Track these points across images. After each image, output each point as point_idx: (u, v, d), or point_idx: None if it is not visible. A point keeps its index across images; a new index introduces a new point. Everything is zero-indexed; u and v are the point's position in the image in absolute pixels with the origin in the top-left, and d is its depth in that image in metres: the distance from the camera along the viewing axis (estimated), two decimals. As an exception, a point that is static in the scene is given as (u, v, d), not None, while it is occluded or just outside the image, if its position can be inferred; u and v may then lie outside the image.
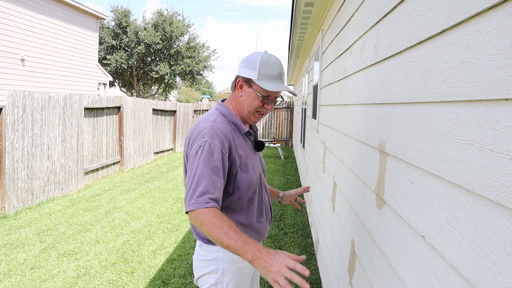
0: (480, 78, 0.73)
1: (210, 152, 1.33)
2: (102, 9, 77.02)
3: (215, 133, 1.38)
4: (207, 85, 45.05)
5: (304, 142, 6.44)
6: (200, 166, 1.31)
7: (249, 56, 1.51)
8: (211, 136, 1.36)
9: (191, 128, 1.49)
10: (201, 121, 1.47)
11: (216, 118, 1.46)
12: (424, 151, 0.99)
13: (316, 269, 3.51)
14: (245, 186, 1.47)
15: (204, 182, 1.29)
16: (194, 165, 1.33)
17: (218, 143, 1.36)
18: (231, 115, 1.51)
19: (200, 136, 1.38)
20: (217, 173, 1.33)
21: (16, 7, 10.24)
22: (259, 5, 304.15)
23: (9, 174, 5.03)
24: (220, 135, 1.38)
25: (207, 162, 1.32)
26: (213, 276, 1.51)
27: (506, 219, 0.63)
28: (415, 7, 1.11)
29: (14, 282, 3.25)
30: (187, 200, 1.30)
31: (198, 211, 1.25)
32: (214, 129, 1.39)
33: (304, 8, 4.01)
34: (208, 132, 1.38)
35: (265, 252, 1.16)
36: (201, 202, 1.26)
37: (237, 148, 1.45)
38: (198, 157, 1.33)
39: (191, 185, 1.30)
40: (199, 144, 1.36)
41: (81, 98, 6.67)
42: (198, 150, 1.34)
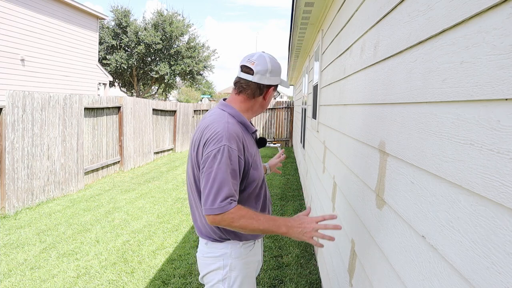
0: (480, 78, 0.73)
1: (229, 156, 1.38)
2: (102, 9, 77.03)
3: (231, 136, 1.42)
4: (207, 85, 45.05)
5: (304, 142, 6.44)
6: (220, 171, 1.36)
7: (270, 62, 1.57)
8: (229, 140, 1.40)
9: (201, 128, 1.50)
10: (212, 122, 1.48)
11: (228, 119, 1.49)
12: (424, 151, 0.99)
13: (316, 269, 3.51)
14: (255, 182, 1.54)
15: (226, 187, 1.36)
16: (213, 168, 1.37)
17: (235, 147, 1.41)
18: (239, 116, 1.55)
19: (217, 139, 1.40)
20: (235, 176, 1.40)
21: (16, 7, 10.24)
22: (259, 5, 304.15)
23: (9, 174, 5.03)
24: (236, 138, 1.43)
25: (227, 166, 1.37)
26: (220, 272, 1.55)
27: (506, 219, 0.63)
28: (415, 7, 1.11)
29: (14, 282, 3.25)
30: (209, 203, 1.35)
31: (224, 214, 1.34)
32: (230, 132, 1.42)
33: (304, 8, 4.01)
34: (225, 135, 1.41)
35: (293, 221, 1.42)
36: (225, 205, 1.34)
37: (248, 147, 1.51)
38: (218, 161, 1.37)
39: (212, 189, 1.36)
40: (217, 148, 1.39)
41: (81, 98, 6.67)
42: (217, 154, 1.38)
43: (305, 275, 3.39)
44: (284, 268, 3.55)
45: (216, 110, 1.57)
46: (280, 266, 3.58)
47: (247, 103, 1.59)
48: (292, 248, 4.03)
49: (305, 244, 4.15)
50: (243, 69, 1.57)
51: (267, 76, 1.56)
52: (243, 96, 1.58)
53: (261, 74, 1.54)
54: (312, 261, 3.71)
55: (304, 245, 4.13)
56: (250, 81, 1.55)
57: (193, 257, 3.79)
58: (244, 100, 1.59)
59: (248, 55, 1.60)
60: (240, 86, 1.58)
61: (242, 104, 1.59)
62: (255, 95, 1.58)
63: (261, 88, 1.57)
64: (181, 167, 9.21)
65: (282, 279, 3.32)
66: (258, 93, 1.58)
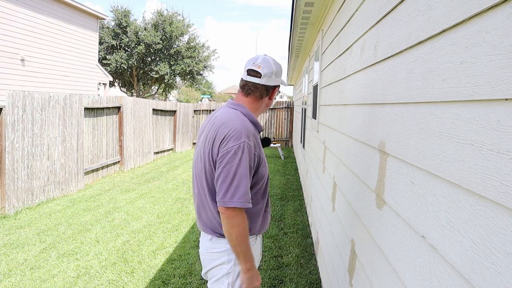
0: (480, 78, 0.73)
1: (248, 153, 1.47)
2: (102, 9, 77.05)
3: (249, 133, 1.51)
4: (207, 85, 45.05)
5: (304, 142, 6.44)
6: (241, 167, 1.44)
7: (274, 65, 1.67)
8: (247, 137, 1.49)
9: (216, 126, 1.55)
10: (228, 119, 1.54)
11: (242, 117, 1.57)
12: (424, 151, 0.99)
13: (316, 269, 3.51)
14: (264, 179, 1.62)
15: (245, 183, 1.44)
16: (233, 164, 1.44)
17: (252, 144, 1.50)
18: (250, 115, 1.64)
19: (236, 136, 1.47)
20: (250, 172, 1.49)
21: (16, 7, 10.23)
22: (259, 5, 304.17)
23: (9, 174, 5.03)
24: (252, 135, 1.52)
25: (246, 162, 1.45)
26: (225, 266, 1.59)
27: (506, 219, 0.63)
28: (415, 7, 1.11)
29: (14, 282, 3.25)
30: (228, 196, 1.43)
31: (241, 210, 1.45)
32: (248, 129, 1.51)
33: (304, 8, 4.01)
34: (244, 132, 1.49)
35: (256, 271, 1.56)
36: (245, 201, 1.44)
37: (259, 145, 1.60)
38: (238, 158, 1.45)
39: (232, 183, 1.43)
40: (237, 144, 1.46)
41: (81, 98, 6.67)
42: (238, 150, 1.45)
43: (305, 275, 3.39)
44: (284, 268, 3.55)
45: (227, 109, 1.63)
46: (280, 266, 3.58)
47: (256, 104, 1.68)
48: (292, 248, 4.03)
49: (305, 244, 4.15)
50: (250, 73, 1.64)
51: (273, 78, 1.66)
52: (252, 97, 1.67)
53: (268, 76, 1.63)
54: (312, 261, 3.71)
55: (304, 245, 4.13)
56: (258, 83, 1.63)
57: (193, 257, 3.79)
58: (252, 102, 1.67)
59: (252, 59, 1.68)
60: (249, 88, 1.65)
61: (251, 105, 1.67)
62: (262, 96, 1.67)
63: (268, 89, 1.67)
64: (181, 167, 9.21)
65: (282, 279, 3.32)
66: (265, 94, 1.68)
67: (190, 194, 6.54)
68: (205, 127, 1.65)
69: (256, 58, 1.67)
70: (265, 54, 1.73)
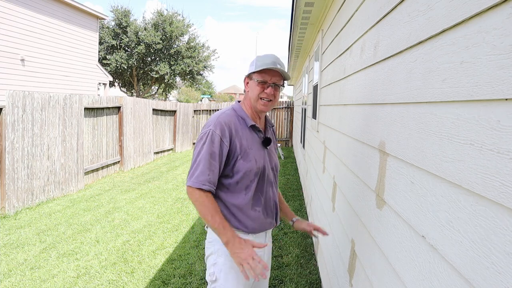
0: (480, 78, 0.73)
1: (212, 139, 1.57)
2: (102, 9, 77.04)
3: (219, 123, 1.61)
4: (207, 85, 45.05)
5: (304, 142, 6.43)
6: (202, 151, 1.57)
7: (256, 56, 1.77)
8: (215, 125, 1.60)
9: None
10: (213, 115, 1.71)
11: (225, 111, 1.70)
12: (424, 151, 0.99)
13: (316, 269, 3.51)
14: (243, 172, 1.63)
15: (203, 164, 1.55)
16: (197, 148, 1.60)
17: (219, 132, 1.59)
18: (240, 110, 1.73)
19: (207, 125, 1.63)
20: (214, 157, 1.57)
21: (16, 7, 10.23)
22: (259, 5, 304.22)
23: (9, 174, 5.03)
24: (222, 124, 1.61)
25: (208, 147, 1.56)
26: (213, 256, 1.67)
27: (506, 219, 0.63)
28: (415, 7, 1.11)
29: (14, 282, 3.25)
30: (189, 177, 1.57)
31: (195, 189, 1.53)
32: (219, 120, 1.62)
33: (304, 8, 4.01)
34: (214, 121, 1.62)
35: (238, 241, 1.53)
36: (199, 182, 1.53)
37: (240, 137, 1.65)
38: (202, 143, 1.59)
39: (193, 165, 1.58)
40: (204, 132, 1.61)
41: (81, 98, 6.67)
42: (203, 136, 1.60)
43: (305, 275, 3.39)
44: (284, 268, 3.55)
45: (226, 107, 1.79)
46: (280, 266, 3.58)
47: (245, 97, 1.78)
48: (292, 248, 4.03)
49: (305, 244, 4.15)
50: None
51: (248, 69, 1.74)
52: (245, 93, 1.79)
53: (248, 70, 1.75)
54: (312, 261, 3.71)
55: (304, 245, 4.13)
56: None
57: (193, 257, 3.79)
58: (244, 97, 1.80)
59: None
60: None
61: (244, 100, 1.78)
62: (244, 89, 1.78)
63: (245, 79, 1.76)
64: (181, 167, 9.21)
65: (282, 279, 3.32)
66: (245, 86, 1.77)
67: (190, 194, 6.53)
68: None
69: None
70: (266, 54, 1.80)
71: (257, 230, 1.69)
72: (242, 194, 1.65)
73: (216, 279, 1.62)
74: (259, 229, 1.70)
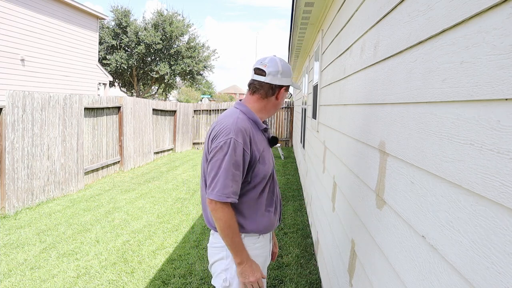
0: (480, 78, 0.73)
1: (234, 149, 1.50)
2: (102, 9, 77.03)
3: (239, 130, 1.54)
4: (207, 85, 45.05)
5: (304, 142, 6.43)
6: (224, 161, 1.49)
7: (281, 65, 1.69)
8: (236, 133, 1.52)
9: (213, 124, 1.65)
10: (224, 117, 1.62)
11: (238, 115, 1.61)
12: (424, 151, 0.99)
13: (316, 269, 3.51)
14: (261, 176, 1.62)
15: (225, 176, 1.49)
16: (218, 158, 1.51)
17: (241, 140, 1.53)
18: (250, 113, 1.67)
19: (225, 132, 1.53)
20: (237, 167, 1.51)
21: (16, 7, 10.23)
22: (259, 5, 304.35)
23: (9, 174, 5.03)
24: (243, 132, 1.54)
25: (230, 157, 1.49)
26: (223, 261, 1.63)
27: (506, 219, 0.63)
28: (415, 7, 1.11)
29: (14, 282, 3.25)
30: (211, 189, 1.50)
31: (218, 204, 1.48)
32: (238, 126, 1.55)
33: (304, 8, 4.01)
34: (233, 129, 1.53)
35: (249, 264, 1.55)
36: (223, 195, 1.48)
37: (256, 143, 1.61)
38: (224, 153, 1.50)
39: (215, 177, 1.50)
40: (224, 140, 1.51)
41: (81, 98, 6.67)
42: (224, 146, 1.51)
43: (305, 275, 3.39)
44: (284, 268, 3.55)
45: (230, 108, 1.70)
46: (280, 266, 3.58)
47: (261, 103, 1.70)
48: (292, 248, 4.03)
49: (305, 244, 4.15)
50: (256, 71, 1.69)
51: (279, 77, 1.67)
52: (257, 96, 1.70)
53: (272, 75, 1.66)
54: (312, 261, 3.71)
55: (304, 245, 4.13)
56: (263, 81, 1.67)
57: (193, 257, 3.79)
58: (257, 100, 1.70)
59: (261, 59, 1.72)
60: (254, 86, 1.70)
61: (255, 103, 1.70)
62: (267, 95, 1.69)
63: (273, 88, 1.69)
64: (181, 167, 9.22)
65: (282, 279, 3.32)
66: (271, 93, 1.69)
67: (190, 194, 6.54)
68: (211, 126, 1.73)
69: (264, 58, 1.71)
70: (274, 55, 1.74)
71: (268, 231, 1.70)
72: (259, 197, 1.64)
73: (230, 284, 1.61)
74: (270, 230, 1.72)
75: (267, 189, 1.68)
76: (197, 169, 9.04)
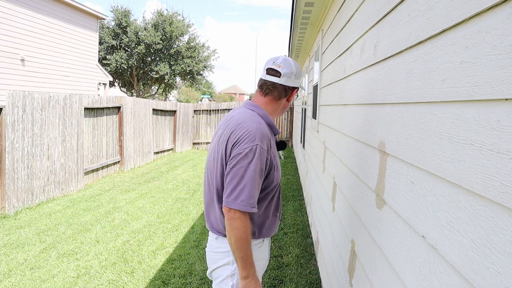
0: (480, 78, 0.73)
1: (259, 156, 1.43)
2: (102, 9, 77.08)
3: (263, 136, 1.47)
4: (207, 85, 45.07)
5: (304, 142, 6.43)
6: (250, 169, 1.41)
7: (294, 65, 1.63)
8: (261, 140, 1.45)
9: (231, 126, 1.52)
10: (244, 120, 1.51)
11: (258, 120, 1.54)
12: (424, 151, 0.99)
13: (316, 269, 3.51)
14: (274, 183, 1.58)
15: (251, 186, 1.41)
16: (243, 166, 1.42)
17: (265, 147, 1.47)
18: (267, 117, 1.60)
19: (250, 138, 1.45)
20: (261, 175, 1.45)
21: (16, 7, 10.23)
22: (259, 5, 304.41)
23: (9, 174, 5.03)
24: (266, 138, 1.49)
25: (256, 166, 1.42)
26: (229, 267, 1.56)
27: (506, 219, 0.63)
28: (415, 7, 1.11)
29: (14, 282, 3.25)
30: (233, 197, 1.40)
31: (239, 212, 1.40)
32: (262, 132, 1.47)
33: (304, 8, 4.01)
34: (258, 135, 1.46)
35: (254, 280, 1.48)
36: (249, 205, 1.40)
37: (273, 149, 1.56)
38: (249, 160, 1.42)
39: (238, 184, 1.41)
40: (250, 147, 1.43)
41: (81, 98, 6.67)
42: (249, 153, 1.42)
43: (305, 275, 3.39)
44: (284, 268, 3.55)
45: (244, 110, 1.61)
46: (280, 266, 3.58)
47: (273, 105, 1.64)
48: (292, 248, 4.03)
49: (305, 244, 4.15)
50: (269, 72, 1.61)
51: (292, 79, 1.62)
52: (270, 98, 1.63)
53: (287, 76, 1.60)
54: (312, 261, 3.71)
55: (304, 245, 4.13)
56: (277, 83, 1.60)
57: (193, 257, 3.79)
58: (270, 102, 1.63)
59: (273, 58, 1.66)
60: (267, 88, 1.62)
61: (268, 106, 1.63)
62: (281, 97, 1.63)
63: (287, 90, 1.63)
64: (181, 167, 9.22)
65: (282, 279, 3.32)
66: (284, 95, 1.64)
67: (190, 194, 6.54)
68: (221, 126, 1.62)
69: (276, 58, 1.65)
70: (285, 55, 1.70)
71: (273, 234, 1.69)
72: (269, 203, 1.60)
73: None
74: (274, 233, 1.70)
75: (276, 194, 1.65)
76: (197, 169, 9.04)
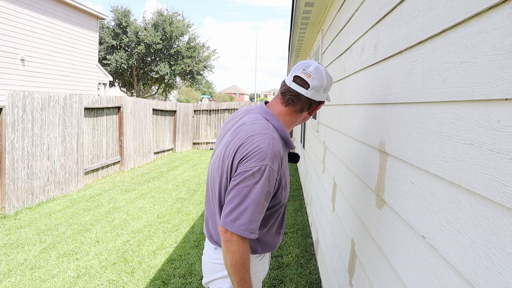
0: (480, 78, 0.73)
1: (268, 178, 1.28)
2: (102, 9, 77.11)
3: (275, 155, 1.31)
4: (207, 85, 45.08)
5: (304, 142, 6.44)
6: (254, 191, 1.27)
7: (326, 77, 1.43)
8: (272, 160, 1.29)
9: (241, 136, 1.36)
10: (256, 133, 1.34)
11: (273, 134, 1.36)
12: (424, 151, 0.99)
13: (316, 269, 3.51)
14: (281, 202, 1.45)
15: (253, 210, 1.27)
16: (247, 185, 1.28)
17: (276, 168, 1.31)
18: (283, 131, 1.43)
19: (260, 156, 1.29)
20: (267, 198, 1.31)
21: (16, 7, 10.23)
22: (259, 5, 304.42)
23: (9, 174, 5.03)
24: (278, 157, 1.32)
25: (263, 188, 1.28)
26: (228, 280, 1.46)
27: (506, 219, 0.63)
28: (415, 7, 1.11)
29: (14, 282, 3.25)
30: (231, 219, 1.27)
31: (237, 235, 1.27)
32: (274, 151, 1.31)
33: (304, 8, 4.01)
34: (269, 154, 1.29)
35: None
36: (248, 230, 1.26)
37: (284, 167, 1.41)
38: (255, 180, 1.27)
39: (239, 206, 1.27)
40: (258, 167, 1.28)
41: (81, 98, 6.67)
42: (257, 173, 1.27)
43: (305, 275, 3.39)
44: (284, 268, 3.55)
45: (258, 117, 1.43)
46: (280, 266, 3.58)
47: (293, 117, 1.46)
48: (292, 248, 4.03)
49: (305, 244, 4.15)
50: (297, 80, 1.40)
51: (321, 92, 1.43)
52: (291, 109, 1.44)
53: (316, 90, 1.40)
54: (312, 261, 3.71)
55: (304, 245, 4.13)
56: (303, 95, 1.40)
57: (193, 257, 3.79)
58: (290, 113, 1.45)
59: (303, 64, 1.45)
60: (290, 98, 1.42)
61: (287, 117, 1.45)
62: (303, 110, 1.45)
63: (311, 104, 1.44)
64: (181, 167, 9.22)
65: (282, 279, 3.32)
66: (307, 109, 1.46)
67: (190, 194, 6.54)
68: (229, 130, 1.47)
69: (308, 64, 1.42)
70: (318, 62, 1.46)
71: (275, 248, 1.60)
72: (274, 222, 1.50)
73: None
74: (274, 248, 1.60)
75: (282, 212, 1.52)
76: (197, 169, 9.04)
